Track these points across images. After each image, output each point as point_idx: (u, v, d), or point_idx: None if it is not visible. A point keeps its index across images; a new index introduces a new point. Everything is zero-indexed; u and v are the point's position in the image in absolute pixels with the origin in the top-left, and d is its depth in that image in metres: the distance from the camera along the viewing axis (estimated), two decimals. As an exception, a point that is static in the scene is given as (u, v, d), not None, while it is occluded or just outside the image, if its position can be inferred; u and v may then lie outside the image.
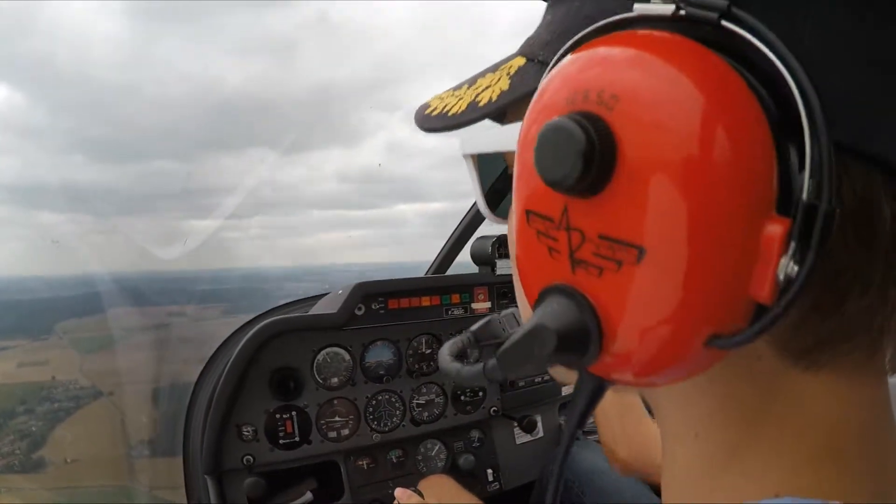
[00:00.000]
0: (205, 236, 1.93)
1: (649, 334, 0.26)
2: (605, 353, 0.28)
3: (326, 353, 1.34)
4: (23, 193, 5.21)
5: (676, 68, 0.24)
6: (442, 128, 0.40)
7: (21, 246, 2.96)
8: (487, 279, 1.52)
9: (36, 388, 2.23)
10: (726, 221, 0.23)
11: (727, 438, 0.32)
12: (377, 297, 1.37)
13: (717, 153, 0.23)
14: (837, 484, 0.29)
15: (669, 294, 0.24)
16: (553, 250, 0.28)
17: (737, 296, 0.24)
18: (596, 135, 0.24)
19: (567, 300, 0.28)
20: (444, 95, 0.43)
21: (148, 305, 2.09)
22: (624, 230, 0.25)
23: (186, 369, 1.61)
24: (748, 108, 0.23)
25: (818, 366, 0.29)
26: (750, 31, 0.23)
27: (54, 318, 2.37)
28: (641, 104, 0.24)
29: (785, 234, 0.22)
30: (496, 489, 1.53)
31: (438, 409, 1.48)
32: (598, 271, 0.26)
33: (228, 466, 1.23)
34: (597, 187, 0.25)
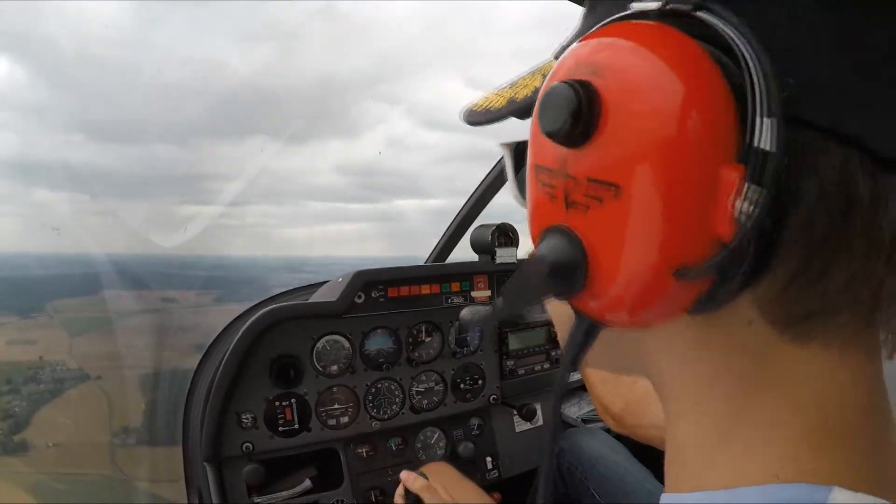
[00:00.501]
0: (202, 222, 1.90)
1: (624, 262, 0.30)
2: (591, 284, 0.32)
3: (326, 340, 1.34)
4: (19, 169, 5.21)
5: (651, 45, 0.29)
6: (486, 121, 0.47)
7: (16, 222, 2.93)
8: (487, 267, 1.52)
9: (22, 368, 2.17)
10: (688, 165, 0.28)
11: (726, 408, 0.33)
12: (377, 285, 1.37)
13: (680, 109, 0.27)
14: (836, 467, 0.30)
15: (640, 225, 0.29)
16: (552, 196, 0.34)
17: (701, 233, 0.28)
18: (585, 94, 0.30)
19: (560, 235, 0.33)
20: (489, 96, 0.49)
21: (141, 289, 2.04)
22: (605, 171, 0.30)
23: (177, 356, 1.58)
24: (712, 77, 0.28)
25: (807, 338, 0.31)
26: (720, 20, 0.28)
27: (46, 297, 2.32)
28: (622, 72, 0.30)
29: (740, 178, 0.27)
30: (495, 477, 1.54)
31: (438, 397, 1.48)
32: (584, 209, 0.31)
33: (228, 454, 1.23)
34: (585, 137, 0.30)
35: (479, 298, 1.50)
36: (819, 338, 0.31)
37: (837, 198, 0.28)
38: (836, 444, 0.31)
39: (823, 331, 0.31)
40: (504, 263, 1.52)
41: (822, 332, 0.31)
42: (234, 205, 2.23)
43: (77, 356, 2.20)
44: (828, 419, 0.31)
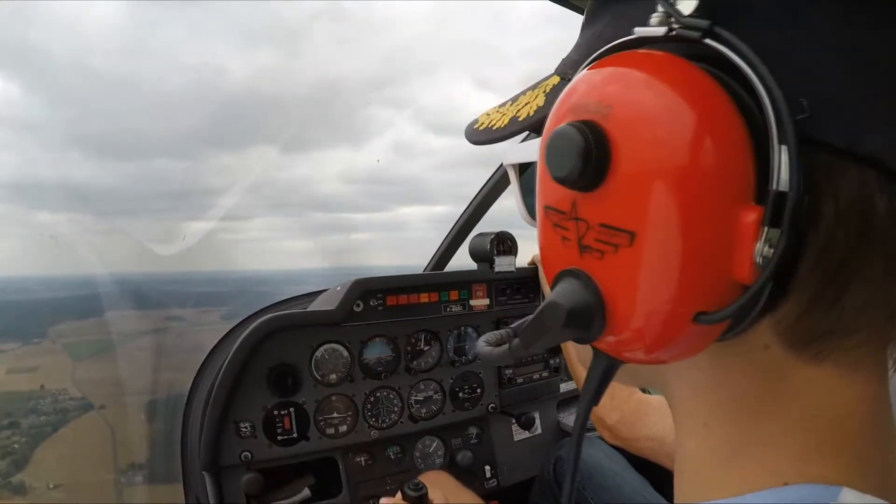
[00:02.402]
0: (203, 237, 1.86)
1: (643, 309, 0.30)
2: (609, 329, 0.32)
3: (325, 349, 1.34)
4: (17, 191, 5.12)
5: (660, 80, 0.28)
6: (487, 140, 0.46)
7: (16, 245, 2.91)
8: (486, 276, 1.52)
9: (23, 399, 2.04)
10: (704, 209, 0.27)
11: (735, 429, 0.33)
12: (375, 293, 1.37)
13: (695, 151, 0.27)
14: (844, 474, 0.30)
15: (658, 273, 0.29)
16: (565, 238, 0.33)
17: (720, 277, 0.28)
18: (593, 138, 0.29)
19: (576, 280, 0.32)
20: (490, 112, 0.48)
21: (145, 308, 1.98)
22: (619, 217, 0.29)
23: (184, 378, 1.54)
24: (725, 112, 0.27)
25: (822, 357, 0.31)
26: (729, 46, 0.27)
27: (49, 321, 2.25)
28: (631, 111, 0.29)
29: (758, 221, 0.26)
30: (494, 486, 1.53)
31: (436, 406, 1.48)
32: (600, 254, 0.31)
33: (226, 463, 1.23)
34: (596, 182, 0.30)
35: (477, 307, 1.50)
36: (833, 357, 0.31)
37: (856, 219, 0.28)
38: (843, 454, 0.31)
39: (838, 350, 0.31)
40: (503, 272, 1.52)
41: (836, 352, 0.31)
42: (237, 219, 2.21)
43: (80, 383, 2.12)
44: (837, 432, 0.31)
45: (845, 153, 0.28)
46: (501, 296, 1.54)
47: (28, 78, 16.77)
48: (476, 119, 0.49)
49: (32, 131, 7.75)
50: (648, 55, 0.30)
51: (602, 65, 0.31)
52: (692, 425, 0.36)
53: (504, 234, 1.54)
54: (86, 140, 24.68)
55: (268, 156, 7.51)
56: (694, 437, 0.36)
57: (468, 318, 1.51)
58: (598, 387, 0.36)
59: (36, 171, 3.14)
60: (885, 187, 0.28)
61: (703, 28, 0.28)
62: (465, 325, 1.51)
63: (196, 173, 32.61)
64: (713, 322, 0.28)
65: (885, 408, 0.33)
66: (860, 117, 0.28)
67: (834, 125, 0.28)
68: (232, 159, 52.65)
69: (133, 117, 12.49)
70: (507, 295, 1.55)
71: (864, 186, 0.28)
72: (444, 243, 1.95)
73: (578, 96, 0.31)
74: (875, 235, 0.28)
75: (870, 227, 0.28)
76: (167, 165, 25.55)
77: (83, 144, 23.41)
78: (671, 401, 0.39)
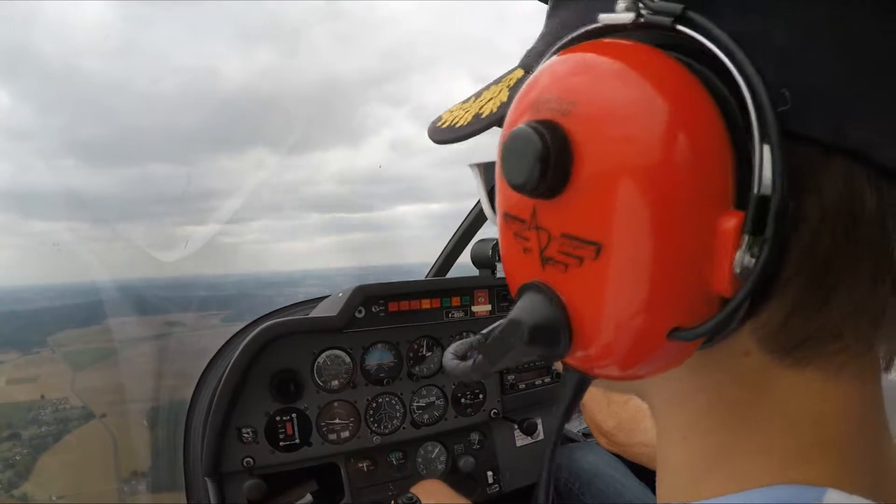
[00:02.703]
0: (203, 242, 1.85)
1: (612, 326, 0.27)
2: (577, 345, 0.29)
3: (327, 355, 1.34)
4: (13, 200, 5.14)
5: (629, 71, 0.25)
6: (451, 139, 0.43)
7: (15, 254, 2.91)
8: (488, 282, 1.52)
9: (23, 409, 1.98)
10: (678, 217, 0.24)
11: (715, 441, 0.32)
12: (377, 299, 1.37)
13: (667, 151, 0.24)
14: (831, 476, 0.29)
15: (628, 287, 0.26)
16: (527, 249, 0.30)
17: (697, 290, 0.25)
18: (552, 140, 0.26)
19: (539, 295, 0.30)
20: (453, 109, 0.45)
21: (145, 314, 1.96)
22: (582, 228, 0.27)
23: (185, 385, 1.52)
24: (700, 106, 0.24)
25: (804, 363, 0.29)
26: (703, 33, 0.25)
27: (48, 330, 2.22)
28: (595, 108, 0.26)
29: (738, 228, 0.24)
30: (496, 491, 1.53)
31: (439, 412, 1.48)
32: (563, 267, 0.28)
33: (228, 469, 1.23)
34: (557, 189, 0.27)
35: (479, 313, 1.50)
36: (816, 361, 0.29)
37: (842, 217, 0.26)
38: (830, 455, 0.30)
39: (821, 355, 0.29)
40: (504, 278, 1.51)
41: (819, 356, 0.29)
42: (234, 222, 2.19)
43: (80, 392, 2.08)
44: (821, 435, 0.30)
45: (830, 147, 0.26)
46: (503, 301, 1.54)
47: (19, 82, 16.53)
48: (440, 116, 0.46)
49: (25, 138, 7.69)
50: (614, 44, 0.27)
51: (563, 55, 0.29)
52: (672, 437, 0.35)
53: (506, 240, 1.54)
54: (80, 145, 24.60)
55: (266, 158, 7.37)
56: (676, 447, 0.35)
57: (470, 324, 1.51)
58: (571, 402, 0.34)
59: (31, 179, 3.13)
60: (873, 182, 0.26)
61: (675, 13, 0.25)
62: (467, 332, 1.51)
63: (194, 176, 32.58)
64: (689, 339, 0.26)
65: (875, 409, 0.32)
66: (846, 108, 0.26)
67: (818, 117, 0.25)
68: (230, 162, 52.27)
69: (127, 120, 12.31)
70: (509, 301, 1.54)
71: (851, 182, 0.26)
72: (446, 249, 1.95)
73: (538, 91, 0.29)
74: (863, 234, 0.27)
75: (857, 226, 0.26)
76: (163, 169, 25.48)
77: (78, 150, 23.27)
78: (652, 410, 0.38)
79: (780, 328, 0.28)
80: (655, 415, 0.37)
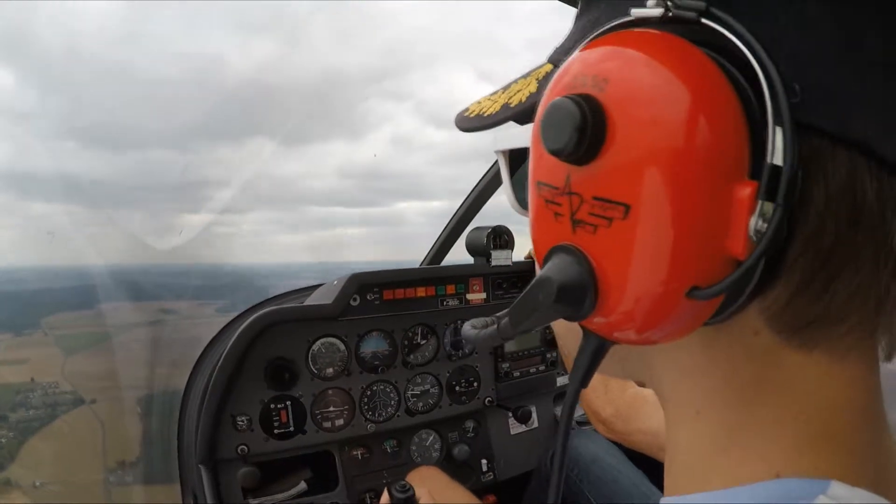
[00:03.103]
0: (199, 230, 1.83)
1: (635, 284, 0.29)
2: (601, 304, 0.31)
3: (322, 343, 1.34)
4: (12, 181, 5.12)
5: (657, 56, 0.28)
6: (479, 127, 0.45)
7: (13, 235, 2.86)
8: (483, 270, 1.52)
9: (12, 391, 1.96)
10: (699, 183, 0.27)
11: (728, 417, 0.33)
12: (372, 287, 1.37)
13: (691, 126, 0.27)
14: (837, 466, 0.30)
15: (652, 246, 0.28)
16: (558, 214, 0.33)
17: (714, 251, 0.28)
18: (589, 110, 0.28)
19: (568, 256, 0.32)
20: (481, 100, 0.48)
21: (139, 300, 1.93)
22: (613, 190, 0.29)
23: (178, 373, 1.49)
24: (721, 89, 0.27)
25: (812, 344, 0.31)
26: (725, 27, 0.27)
27: (42, 312, 2.19)
28: (626, 86, 0.28)
29: (753, 195, 0.26)
30: (490, 479, 1.54)
31: (433, 400, 1.48)
32: (593, 229, 0.30)
33: (223, 456, 1.23)
34: (591, 155, 0.29)
35: (474, 301, 1.50)
36: (823, 344, 0.31)
37: (845, 205, 0.28)
38: (836, 446, 0.31)
39: (827, 337, 0.31)
40: (499, 266, 1.52)
41: (826, 339, 0.31)
42: (232, 212, 2.16)
43: (71, 376, 2.04)
44: (828, 423, 0.31)
45: (836, 138, 0.28)
46: (498, 290, 1.54)
47: (21, 64, 16.49)
48: (467, 107, 0.48)
49: (27, 120, 7.66)
50: (644, 33, 0.30)
51: (597, 45, 0.31)
52: (684, 414, 0.36)
53: (501, 229, 1.54)
54: (81, 130, 24.39)
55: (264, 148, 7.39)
56: (686, 426, 0.36)
57: (465, 312, 1.51)
58: (588, 369, 0.35)
59: (31, 162, 3.11)
60: (874, 173, 0.29)
61: (700, 9, 0.28)
62: (461, 320, 1.51)
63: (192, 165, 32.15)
64: (707, 297, 0.28)
65: (877, 399, 0.33)
66: (850, 103, 0.28)
67: (824, 110, 0.28)
68: (228, 151, 52.06)
69: (128, 107, 12.25)
70: (504, 289, 1.55)
71: (854, 171, 0.28)
72: (441, 237, 1.95)
73: (573, 73, 0.31)
74: (865, 221, 0.29)
75: (859, 213, 0.29)
76: (162, 156, 25.30)
77: (78, 134, 23.09)
78: (661, 392, 0.39)
79: (786, 307, 0.30)
80: (666, 396, 0.38)
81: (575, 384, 0.36)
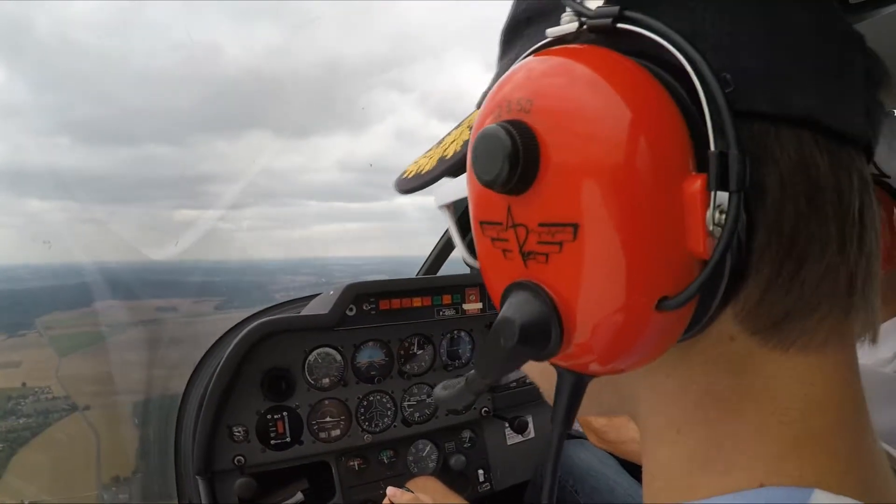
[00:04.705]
0: (199, 227, 1.81)
1: (602, 306, 0.28)
2: (568, 336, 0.29)
3: (318, 353, 1.34)
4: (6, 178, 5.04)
5: (578, 64, 0.28)
6: (418, 186, 0.44)
7: (7, 233, 2.83)
8: (479, 279, 1.52)
9: (2, 398, 1.89)
10: (646, 185, 0.26)
11: (710, 432, 0.32)
12: (368, 297, 1.37)
13: (626, 129, 0.26)
14: (820, 473, 0.30)
15: (609, 261, 0.27)
16: (506, 251, 0.31)
17: (675, 256, 0.27)
18: (518, 134, 0.27)
19: (524, 292, 0.30)
20: (418, 160, 0.47)
21: (136, 299, 1.89)
22: (557, 212, 0.28)
23: (176, 375, 1.46)
24: (648, 89, 0.27)
25: (788, 343, 0.30)
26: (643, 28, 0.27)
27: (37, 311, 2.12)
28: (553, 102, 0.28)
29: (703, 186, 0.25)
30: (487, 490, 1.53)
31: (430, 410, 1.48)
32: (545, 258, 0.29)
33: (219, 467, 1.23)
34: (528, 180, 0.28)
35: (470, 311, 1.51)
36: (799, 340, 0.30)
37: (801, 182, 0.28)
38: (819, 449, 0.30)
39: (802, 332, 0.30)
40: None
41: (801, 334, 0.30)
42: (231, 208, 2.12)
43: (64, 380, 1.95)
44: (810, 424, 0.30)
45: (778, 118, 0.28)
46: (473, 359, 1.55)
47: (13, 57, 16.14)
48: (405, 170, 0.47)
49: (18, 115, 7.52)
50: (561, 49, 0.29)
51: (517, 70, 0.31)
52: (664, 435, 0.34)
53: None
54: (75, 125, 23.97)
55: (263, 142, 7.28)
56: (666, 446, 0.34)
57: (461, 322, 1.51)
58: (568, 410, 0.33)
59: (24, 158, 3.06)
60: (822, 145, 0.28)
61: (613, 14, 0.28)
62: (458, 329, 1.52)
63: (189, 160, 32.02)
64: (677, 305, 0.27)
65: (857, 395, 0.33)
66: (786, 82, 0.28)
67: (760, 94, 0.27)
68: (226, 145, 51.48)
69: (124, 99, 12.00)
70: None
71: (803, 147, 0.28)
72: (437, 247, 1.96)
73: (497, 101, 0.30)
74: (823, 197, 0.28)
75: (816, 189, 0.28)
76: (159, 151, 25.18)
77: (72, 129, 22.63)
78: (637, 416, 0.37)
79: (758, 305, 0.29)
80: (644, 419, 0.37)
81: (559, 428, 0.34)
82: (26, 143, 5.28)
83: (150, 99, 23.06)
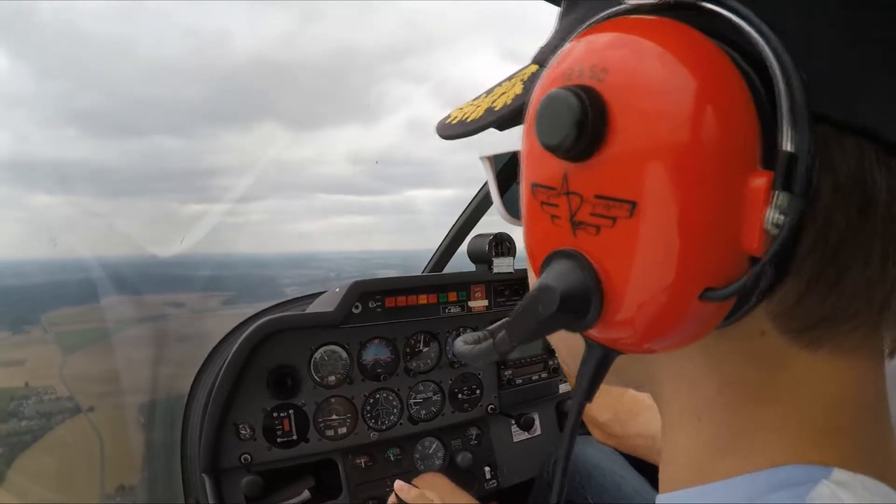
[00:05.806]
0: (207, 221, 1.79)
1: (644, 287, 0.27)
2: (606, 312, 0.29)
3: (324, 351, 1.34)
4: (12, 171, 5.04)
5: (657, 41, 0.26)
6: (462, 133, 0.43)
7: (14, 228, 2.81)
8: (484, 277, 1.52)
9: (5, 398, 1.80)
10: (710, 173, 0.25)
11: (730, 420, 0.32)
12: (374, 295, 1.37)
13: (698, 110, 0.25)
14: (839, 454, 0.30)
15: (661, 245, 0.26)
16: (555, 217, 0.30)
17: (727, 249, 0.26)
18: (589, 100, 0.26)
19: (568, 261, 0.30)
20: (463, 106, 0.45)
21: (144, 293, 1.87)
22: (617, 187, 0.27)
23: (185, 374, 1.45)
24: (728, 75, 0.26)
25: (819, 343, 0.30)
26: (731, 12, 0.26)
27: (42, 307, 2.08)
28: (628, 74, 0.27)
29: (768, 185, 0.24)
30: (494, 487, 1.53)
31: (436, 407, 1.48)
32: (595, 230, 0.28)
33: (226, 465, 1.23)
34: (591, 150, 0.27)
35: (476, 308, 1.51)
36: (830, 343, 0.30)
37: (854, 194, 0.27)
38: (841, 440, 0.30)
39: (834, 336, 0.30)
40: (501, 273, 1.52)
41: (832, 338, 0.30)
42: (241, 201, 2.10)
43: (68, 380, 1.90)
44: (833, 419, 0.30)
45: (842, 126, 0.27)
46: (500, 297, 1.54)
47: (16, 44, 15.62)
48: (448, 114, 0.46)
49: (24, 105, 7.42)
50: (642, 20, 0.28)
51: (591, 34, 0.29)
52: (685, 420, 0.35)
53: (502, 236, 1.54)
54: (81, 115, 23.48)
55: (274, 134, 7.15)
56: (686, 431, 0.34)
57: (467, 319, 1.51)
58: (592, 382, 0.33)
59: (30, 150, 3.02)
60: (882, 160, 0.27)
61: None
62: (463, 327, 1.51)
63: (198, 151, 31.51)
64: (721, 298, 0.26)
65: (882, 396, 0.33)
66: (855, 90, 0.27)
67: (830, 98, 0.26)
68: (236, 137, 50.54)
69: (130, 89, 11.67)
70: (506, 296, 1.55)
71: (862, 159, 0.27)
72: (443, 245, 1.95)
73: (568, 64, 0.29)
74: (874, 212, 0.27)
75: (869, 203, 0.27)
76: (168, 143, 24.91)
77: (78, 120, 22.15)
78: (659, 397, 0.37)
79: (795, 306, 0.29)
80: (665, 402, 0.37)
81: (579, 398, 0.34)
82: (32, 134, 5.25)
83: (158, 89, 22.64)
